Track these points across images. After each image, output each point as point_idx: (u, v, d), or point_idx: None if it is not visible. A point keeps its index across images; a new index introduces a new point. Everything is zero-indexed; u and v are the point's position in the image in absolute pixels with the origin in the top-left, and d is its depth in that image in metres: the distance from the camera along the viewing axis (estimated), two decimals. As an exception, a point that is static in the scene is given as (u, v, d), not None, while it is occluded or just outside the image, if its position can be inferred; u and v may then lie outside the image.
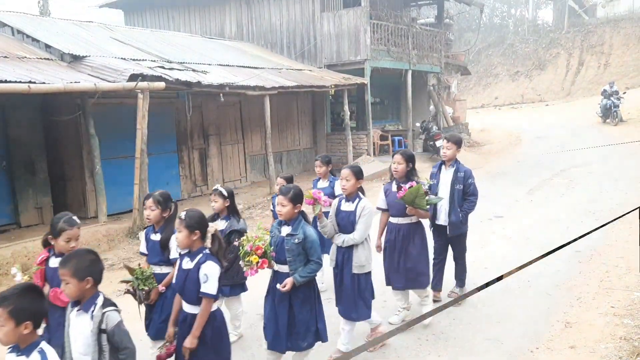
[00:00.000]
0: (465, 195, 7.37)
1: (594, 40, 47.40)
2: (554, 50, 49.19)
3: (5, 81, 10.38)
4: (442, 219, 7.50)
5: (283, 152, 20.63)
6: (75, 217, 5.18)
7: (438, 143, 20.53)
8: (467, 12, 44.15)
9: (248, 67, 18.51)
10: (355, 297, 6.11)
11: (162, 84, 12.87)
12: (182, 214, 4.78)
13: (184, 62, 15.88)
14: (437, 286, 7.78)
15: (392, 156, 7.00)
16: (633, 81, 40.06)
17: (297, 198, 5.45)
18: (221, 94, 15.25)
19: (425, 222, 7.17)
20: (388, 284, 7.05)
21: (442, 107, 26.81)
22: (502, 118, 36.69)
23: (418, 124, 24.33)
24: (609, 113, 28.61)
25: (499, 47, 53.70)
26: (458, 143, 7.47)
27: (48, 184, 13.38)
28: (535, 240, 10.39)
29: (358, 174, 6.29)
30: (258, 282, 5.77)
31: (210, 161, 17.43)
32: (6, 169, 12.57)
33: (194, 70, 15.35)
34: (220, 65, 17.70)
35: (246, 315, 7.32)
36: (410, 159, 6.77)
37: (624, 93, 30.02)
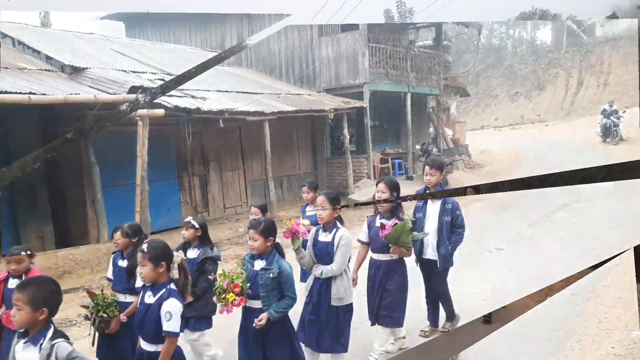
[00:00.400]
0: (453, 227, 7.13)
1: (592, 59, 47.52)
2: (553, 70, 49.32)
3: (6, 92, 10.41)
4: (429, 253, 7.22)
5: (283, 177, 20.61)
6: (21, 247, 5.32)
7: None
8: (465, 33, 44.32)
9: (247, 92, 18.56)
10: (333, 330, 5.92)
11: (161, 111, 12.88)
12: (144, 247, 4.53)
13: (183, 89, 15.90)
14: (434, 323, 7.56)
15: (376, 185, 6.85)
16: (632, 100, 40.09)
17: (268, 231, 5.31)
18: (221, 120, 15.28)
19: (408, 259, 6.98)
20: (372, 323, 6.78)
21: (441, 129, 26.84)
22: (502, 139, 36.69)
23: (418, 147, 24.35)
24: (609, 132, 28.62)
25: (497, 68, 53.86)
26: (441, 168, 7.19)
27: (49, 213, 13.33)
28: (535, 274, 10.28)
29: (334, 200, 6.19)
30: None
31: (211, 187, 17.42)
32: (5, 197, 12.53)
33: (193, 97, 15.38)
34: (219, 91, 17.74)
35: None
36: (394, 188, 6.56)
37: (624, 112, 30.07)
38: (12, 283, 5.04)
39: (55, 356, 3.64)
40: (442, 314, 7.68)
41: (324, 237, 5.99)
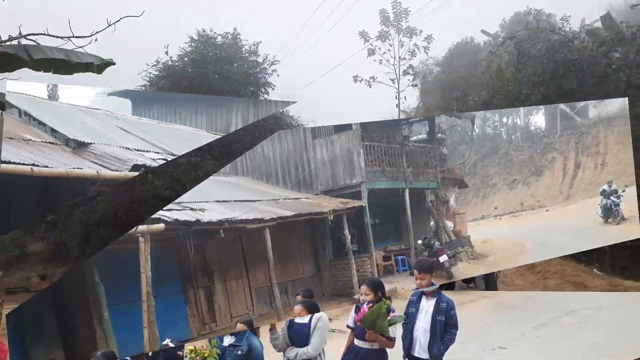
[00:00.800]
0: (446, 327, 7.09)
1: (588, 141, 47.64)
2: (549, 154, 49.42)
3: (9, 162, 10.58)
4: (417, 350, 7.12)
5: (288, 282, 20.52)
6: None
7: (441, 258, 20.56)
8: (458, 125, 44.78)
9: (245, 200, 18.71)
10: None
11: (161, 226, 13.05)
12: None
13: (182, 202, 16.05)
14: None
15: (359, 286, 6.85)
16: (631, 178, 40.15)
17: None
18: (221, 230, 15.40)
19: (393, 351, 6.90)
20: None
21: (442, 222, 26.88)
22: (503, 228, 36.62)
23: (420, 241, 24.35)
24: (610, 213, 28.60)
25: (493, 157, 54.02)
26: (430, 270, 7.25)
27: (58, 336, 13.28)
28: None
29: (310, 307, 6.18)
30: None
31: (217, 298, 17.37)
32: (14, 324, 12.48)
33: (192, 209, 15.53)
34: (217, 201, 17.89)
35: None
36: (378, 288, 6.58)
37: (623, 191, 30.14)
38: None
39: None
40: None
41: (301, 318, 5.97)
